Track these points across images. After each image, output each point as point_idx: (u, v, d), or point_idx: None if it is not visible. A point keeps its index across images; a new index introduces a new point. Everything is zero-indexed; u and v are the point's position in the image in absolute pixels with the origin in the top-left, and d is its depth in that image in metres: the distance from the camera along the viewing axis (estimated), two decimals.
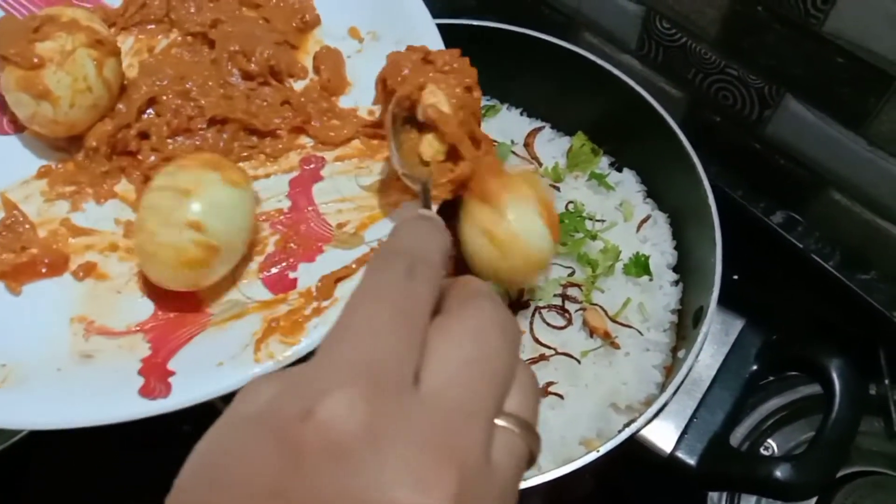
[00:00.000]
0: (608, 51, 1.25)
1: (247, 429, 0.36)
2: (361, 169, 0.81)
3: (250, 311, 0.71)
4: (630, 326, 0.92)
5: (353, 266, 0.73)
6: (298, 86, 0.87)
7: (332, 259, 0.74)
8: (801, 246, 1.15)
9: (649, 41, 1.18)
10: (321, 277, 0.72)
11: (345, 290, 0.71)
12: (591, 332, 0.91)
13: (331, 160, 0.82)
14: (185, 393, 0.65)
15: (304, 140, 0.84)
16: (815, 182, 1.12)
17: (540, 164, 1.05)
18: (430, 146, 0.71)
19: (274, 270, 0.74)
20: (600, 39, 1.26)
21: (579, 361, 0.89)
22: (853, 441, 0.78)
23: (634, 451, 0.80)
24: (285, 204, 0.79)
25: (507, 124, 1.09)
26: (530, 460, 0.41)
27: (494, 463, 0.37)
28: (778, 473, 0.74)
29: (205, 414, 0.77)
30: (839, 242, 1.14)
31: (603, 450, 0.74)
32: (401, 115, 0.72)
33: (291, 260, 0.75)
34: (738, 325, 0.86)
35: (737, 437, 0.98)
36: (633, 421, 0.78)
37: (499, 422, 0.39)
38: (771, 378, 1.01)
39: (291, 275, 0.74)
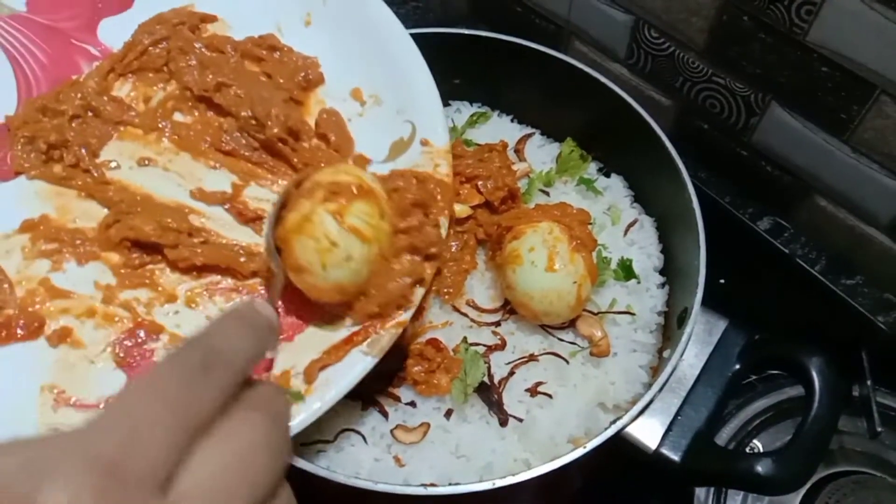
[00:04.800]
0: (598, 59, 1.28)
1: None
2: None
3: None
4: (619, 312, 0.94)
5: (337, 352, 0.72)
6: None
7: (310, 338, 0.73)
8: (787, 251, 1.17)
9: (638, 50, 1.20)
10: (308, 363, 0.71)
11: (326, 377, 0.71)
12: (588, 340, 0.93)
13: None
14: None
15: None
16: (801, 188, 1.14)
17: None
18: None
19: None
20: (590, 48, 1.28)
21: (568, 362, 0.90)
22: (832, 436, 0.79)
23: (621, 447, 0.81)
24: None
25: (497, 130, 1.11)
26: None
27: None
28: (759, 468, 0.75)
29: None
30: (824, 248, 1.16)
31: (589, 446, 0.76)
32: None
33: None
34: (721, 325, 0.87)
35: (723, 437, 0.99)
36: (619, 418, 0.79)
37: None
38: (753, 377, 1.03)
39: (269, 354, 0.73)
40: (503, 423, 0.87)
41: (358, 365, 0.73)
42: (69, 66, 0.87)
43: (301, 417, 0.69)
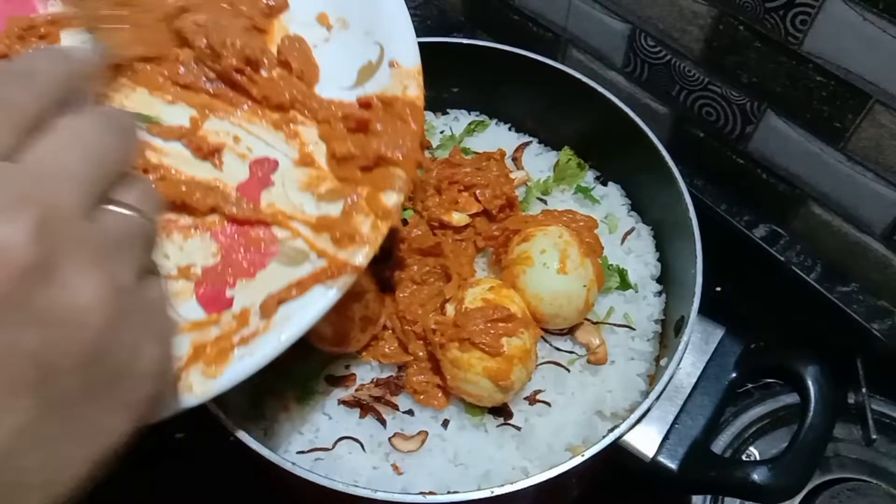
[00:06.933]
0: (595, 68, 1.28)
1: None
2: (318, 184, 0.75)
3: (181, 331, 0.67)
4: (619, 325, 0.95)
5: (298, 288, 0.69)
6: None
7: (273, 275, 0.70)
8: (782, 259, 1.17)
9: (635, 59, 1.21)
10: (266, 298, 0.68)
11: (286, 312, 0.68)
12: (586, 347, 0.93)
13: (286, 165, 0.76)
14: None
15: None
16: (797, 196, 1.15)
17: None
18: None
19: (211, 286, 0.70)
20: (587, 56, 1.29)
21: (568, 370, 0.91)
22: (828, 444, 0.80)
23: (618, 456, 0.81)
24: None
25: (495, 139, 1.11)
26: (148, 241, 0.47)
27: (95, 222, 0.42)
28: (755, 476, 0.76)
29: (196, 421, 0.79)
30: (820, 255, 1.17)
31: (587, 454, 0.76)
32: None
33: (230, 275, 0.70)
34: (718, 334, 0.88)
35: (720, 444, 1.00)
36: (616, 427, 0.80)
37: (106, 205, 0.44)
38: (749, 385, 1.03)
39: (229, 293, 0.70)
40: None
41: (319, 299, 0.69)
42: (24, 4, 0.83)
43: (262, 353, 0.66)
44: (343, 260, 0.69)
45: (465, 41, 1.10)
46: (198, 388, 0.64)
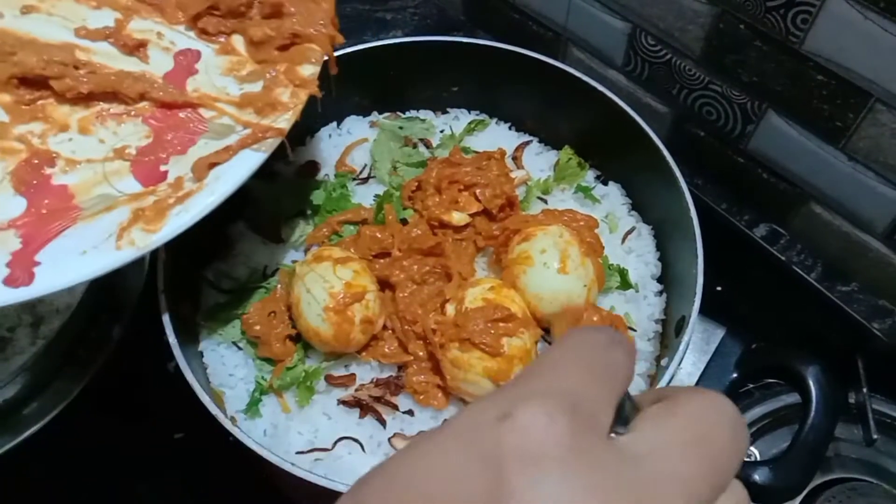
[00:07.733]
0: (595, 66, 1.28)
1: (439, 437, 0.33)
2: (239, 68, 0.80)
3: (119, 203, 0.72)
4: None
5: (227, 152, 0.73)
6: None
7: (203, 149, 0.75)
8: (783, 258, 1.17)
9: (635, 57, 1.21)
10: (196, 160, 0.73)
11: (217, 173, 0.73)
12: None
13: (208, 55, 0.81)
14: (47, 280, 0.67)
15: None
16: (797, 195, 1.14)
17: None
18: None
19: (145, 163, 0.75)
20: (587, 55, 1.28)
21: None
22: (829, 445, 0.80)
23: None
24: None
25: (495, 138, 1.11)
26: None
27: None
28: (756, 477, 0.76)
29: (196, 421, 0.79)
30: (820, 255, 1.17)
31: None
32: None
33: (163, 153, 0.76)
34: (719, 334, 0.88)
35: None
36: None
37: None
38: (750, 385, 1.03)
39: (162, 167, 0.75)
40: None
41: (249, 160, 0.74)
42: None
43: (193, 212, 0.71)
44: (267, 125, 0.75)
45: (465, 40, 1.09)
46: (140, 242, 0.69)
